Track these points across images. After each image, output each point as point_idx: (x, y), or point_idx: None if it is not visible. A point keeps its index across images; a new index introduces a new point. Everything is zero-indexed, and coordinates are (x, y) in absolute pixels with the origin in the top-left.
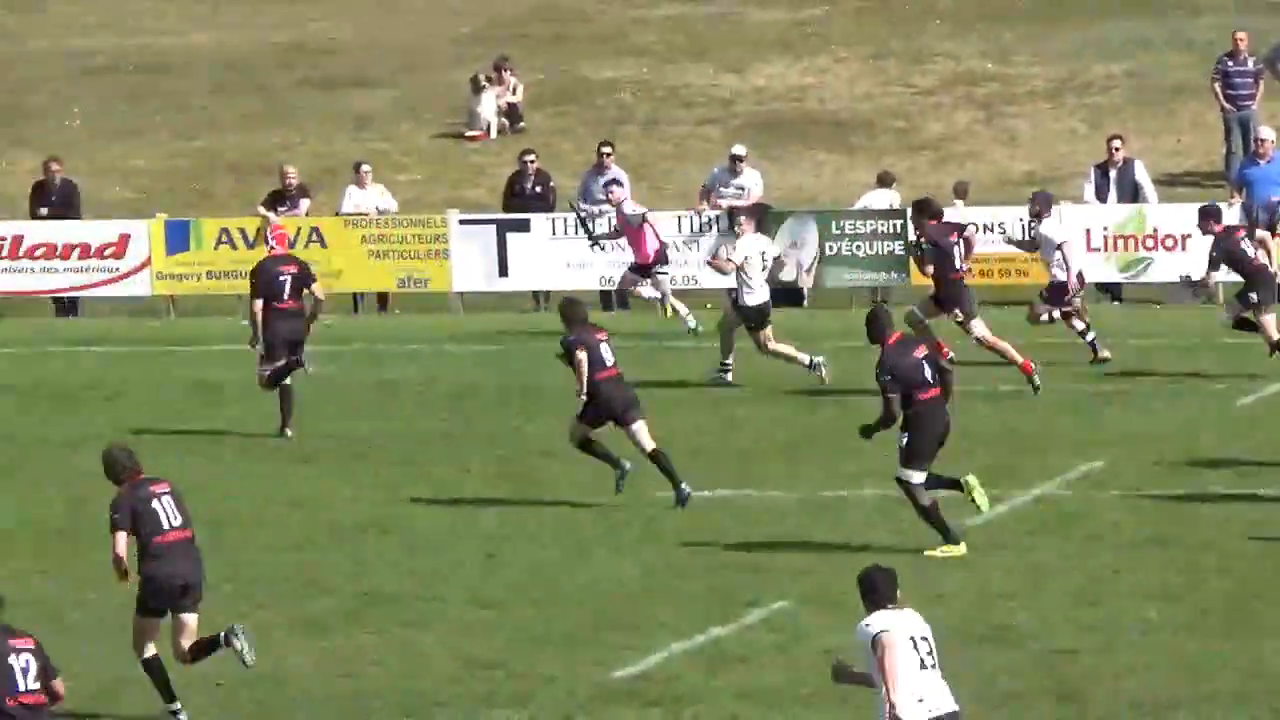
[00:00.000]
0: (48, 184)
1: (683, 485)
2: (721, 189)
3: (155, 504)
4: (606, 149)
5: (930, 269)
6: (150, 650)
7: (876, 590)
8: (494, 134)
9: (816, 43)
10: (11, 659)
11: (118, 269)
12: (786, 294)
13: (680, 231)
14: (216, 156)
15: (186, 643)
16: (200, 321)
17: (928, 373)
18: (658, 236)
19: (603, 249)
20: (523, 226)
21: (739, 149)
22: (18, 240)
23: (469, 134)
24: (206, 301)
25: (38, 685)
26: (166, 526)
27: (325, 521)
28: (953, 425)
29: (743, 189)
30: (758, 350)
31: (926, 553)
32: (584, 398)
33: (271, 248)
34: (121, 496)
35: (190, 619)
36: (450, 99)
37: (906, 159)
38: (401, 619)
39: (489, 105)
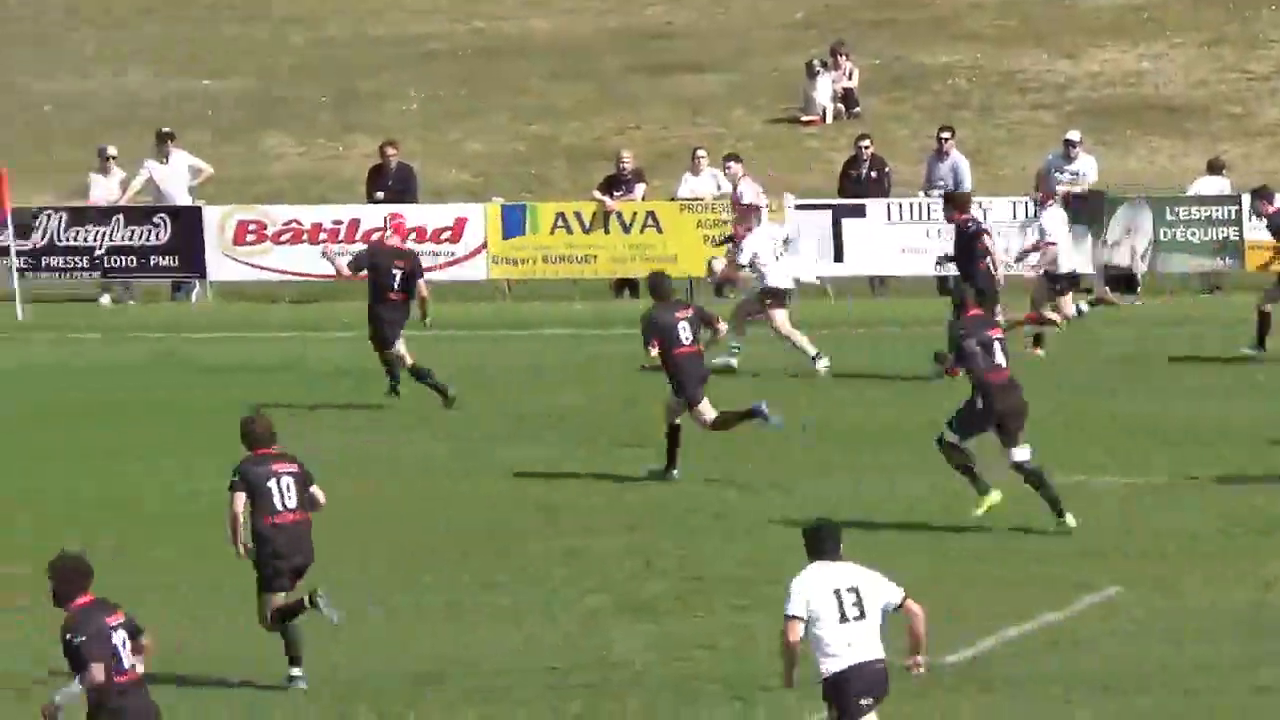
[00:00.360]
0: (384, 168)
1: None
2: (1056, 174)
3: (271, 481)
4: (946, 134)
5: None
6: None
7: (816, 543)
8: (829, 119)
9: (1152, 28)
10: (114, 639)
11: (454, 253)
12: (1122, 279)
13: (1015, 217)
14: (552, 141)
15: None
16: (535, 306)
17: (998, 353)
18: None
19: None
20: (858, 212)
21: (1073, 134)
22: (354, 223)
23: (804, 119)
24: (542, 285)
25: (134, 661)
26: (279, 507)
27: (656, 505)
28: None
29: (1077, 174)
30: (773, 333)
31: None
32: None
33: (389, 236)
34: (241, 463)
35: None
36: (784, 84)
37: (1242, 145)
38: (732, 602)
39: (824, 90)
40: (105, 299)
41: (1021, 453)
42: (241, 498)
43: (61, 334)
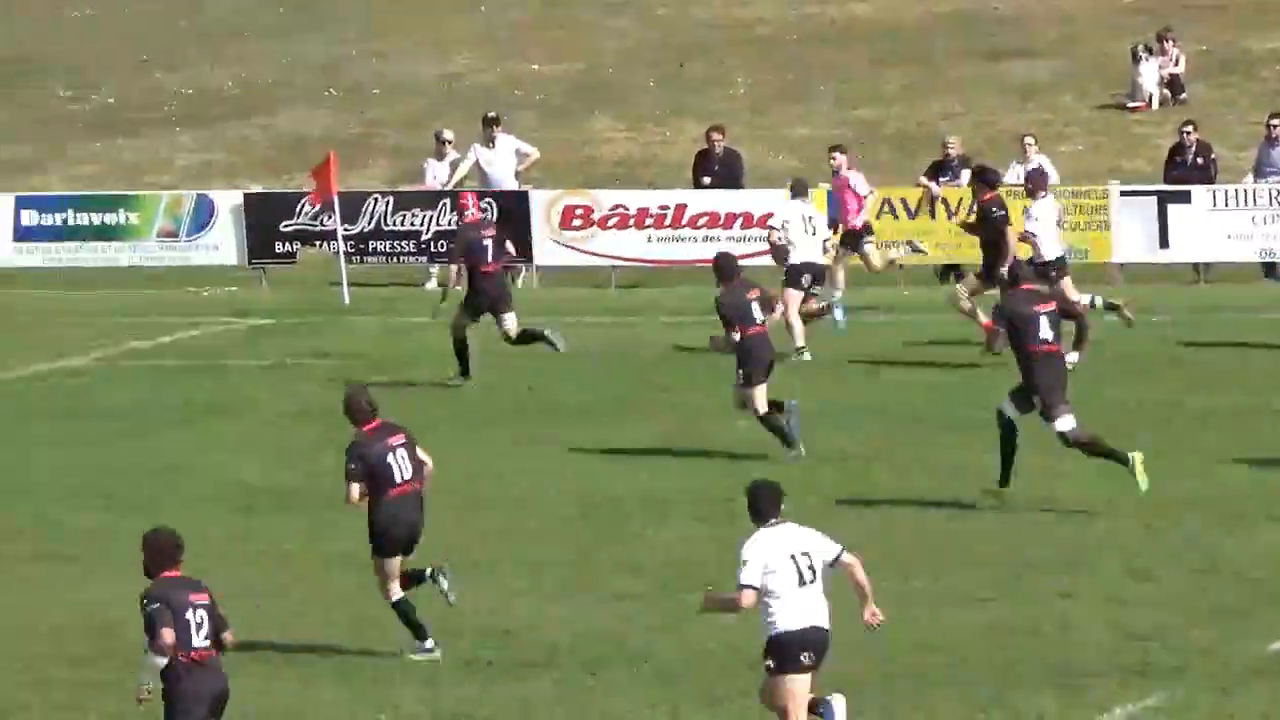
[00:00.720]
0: (710, 153)
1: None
2: None
3: (390, 457)
4: (1276, 120)
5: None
6: (396, 593)
7: (758, 505)
8: (1155, 105)
9: None
10: (189, 614)
11: None
12: None
13: None
14: (878, 126)
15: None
16: (861, 291)
17: (1044, 328)
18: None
19: None
20: (1183, 198)
21: None
22: (681, 209)
23: (1130, 105)
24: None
25: (208, 641)
26: (399, 480)
27: (976, 489)
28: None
29: None
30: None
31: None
32: (731, 350)
33: (471, 215)
34: (356, 445)
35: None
36: (1111, 69)
37: None
38: (1056, 589)
39: (1150, 76)
40: (431, 283)
41: (1065, 423)
42: (357, 488)
43: (386, 319)
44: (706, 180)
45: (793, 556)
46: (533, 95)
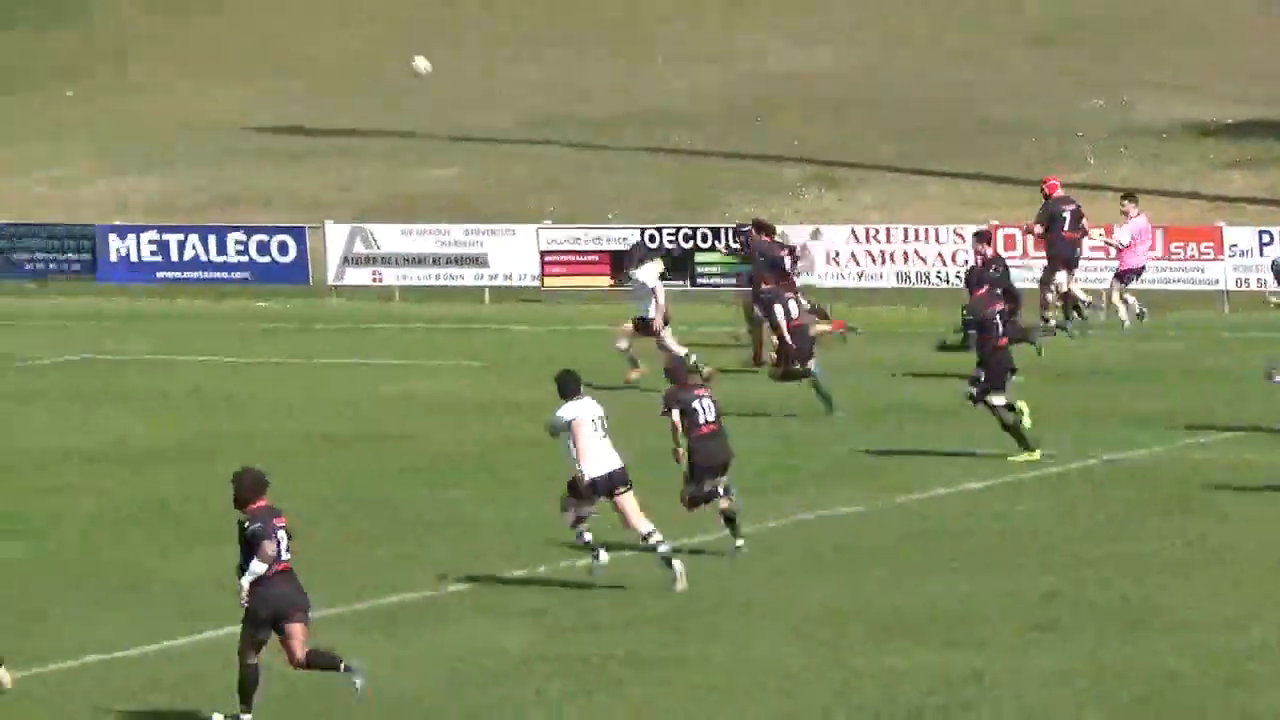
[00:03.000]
0: None
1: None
2: None
3: (696, 403)
4: None
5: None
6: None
7: (565, 389)
8: None
9: None
10: (278, 535)
11: None
12: None
13: None
14: None
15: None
16: None
17: (998, 324)
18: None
19: None
20: None
21: None
22: None
23: None
24: None
25: (289, 555)
26: (702, 421)
27: None
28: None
29: None
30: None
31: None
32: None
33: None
34: (670, 391)
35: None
36: None
37: None
38: None
39: None
40: None
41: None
42: (676, 413)
43: None
44: None
45: (593, 420)
46: None
